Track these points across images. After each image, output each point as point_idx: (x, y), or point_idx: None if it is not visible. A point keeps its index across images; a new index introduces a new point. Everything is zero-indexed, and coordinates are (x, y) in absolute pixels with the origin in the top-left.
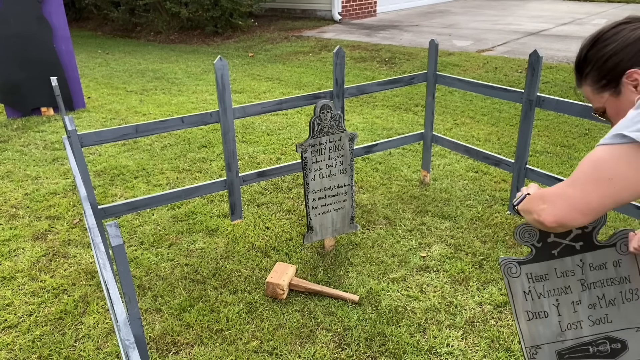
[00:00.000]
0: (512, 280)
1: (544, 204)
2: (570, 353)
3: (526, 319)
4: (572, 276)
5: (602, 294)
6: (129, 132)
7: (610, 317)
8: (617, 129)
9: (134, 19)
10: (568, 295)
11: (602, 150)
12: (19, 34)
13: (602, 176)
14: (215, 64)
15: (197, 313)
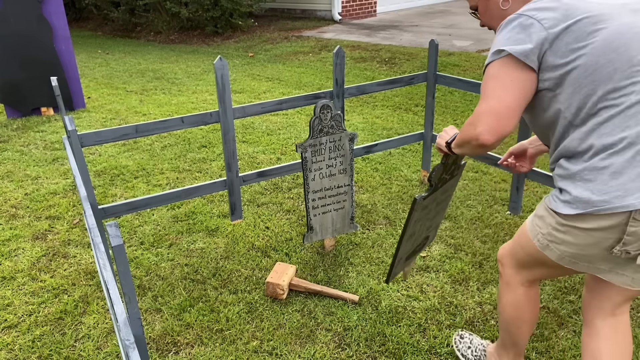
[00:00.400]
0: (415, 214)
1: (476, 128)
2: (412, 253)
3: (406, 241)
4: (434, 201)
5: (438, 208)
6: (129, 132)
7: (433, 223)
8: (495, 46)
9: (134, 19)
10: (428, 214)
11: (492, 66)
12: (19, 34)
13: (503, 82)
14: (215, 64)
15: (197, 313)
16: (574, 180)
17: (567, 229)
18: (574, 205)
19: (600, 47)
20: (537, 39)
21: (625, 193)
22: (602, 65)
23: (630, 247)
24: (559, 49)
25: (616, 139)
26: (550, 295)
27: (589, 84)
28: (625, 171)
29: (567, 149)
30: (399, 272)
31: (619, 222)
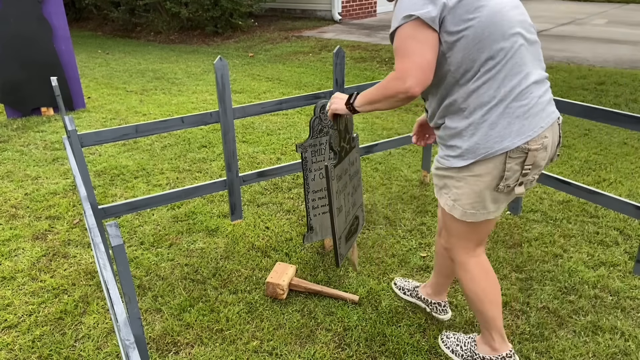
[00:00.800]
0: (332, 183)
1: (405, 82)
2: (348, 233)
3: (337, 215)
4: (347, 173)
5: (353, 184)
6: (129, 132)
7: (356, 201)
8: (402, 12)
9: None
10: (346, 189)
11: (405, 27)
12: (19, 34)
13: (420, 40)
14: (215, 64)
15: (197, 313)
16: (462, 136)
17: (464, 180)
18: (465, 156)
19: (484, 20)
20: (439, 7)
21: (501, 139)
22: (486, 37)
23: (510, 181)
24: (454, 18)
25: (490, 97)
26: (550, 295)
27: (475, 51)
28: (499, 122)
29: (450, 105)
30: (345, 253)
31: (500, 162)
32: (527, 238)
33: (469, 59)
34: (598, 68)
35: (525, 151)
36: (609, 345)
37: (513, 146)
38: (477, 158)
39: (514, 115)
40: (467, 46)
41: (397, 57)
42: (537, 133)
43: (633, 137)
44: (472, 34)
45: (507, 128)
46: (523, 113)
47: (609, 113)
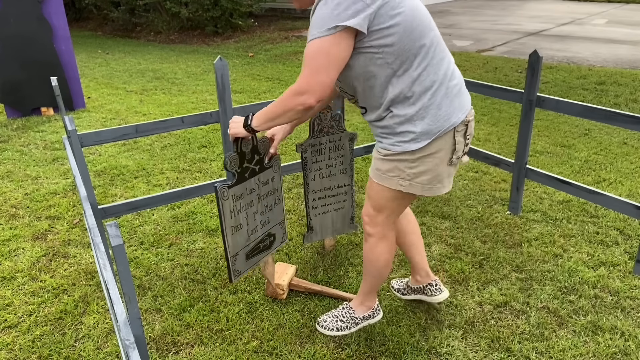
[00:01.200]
0: (224, 203)
1: (308, 98)
2: (251, 252)
3: (231, 234)
4: (253, 192)
5: (266, 202)
6: (129, 132)
7: (270, 218)
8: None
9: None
10: (252, 208)
11: (325, 40)
12: (19, 34)
13: (334, 58)
14: (215, 64)
15: (197, 313)
16: (413, 121)
17: (420, 160)
18: (419, 139)
19: (409, 13)
20: (372, 8)
21: (448, 117)
22: (415, 27)
23: (459, 152)
24: (382, 16)
25: (432, 82)
26: (550, 295)
27: (409, 41)
28: (444, 102)
29: (396, 97)
30: (243, 270)
31: (450, 137)
32: (527, 238)
33: (405, 49)
34: (598, 68)
35: (466, 123)
36: (609, 345)
37: (459, 121)
38: (432, 138)
39: (453, 94)
40: (400, 38)
41: (305, 68)
42: (469, 106)
43: (633, 137)
44: (402, 26)
45: (451, 106)
46: (458, 91)
47: (609, 113)
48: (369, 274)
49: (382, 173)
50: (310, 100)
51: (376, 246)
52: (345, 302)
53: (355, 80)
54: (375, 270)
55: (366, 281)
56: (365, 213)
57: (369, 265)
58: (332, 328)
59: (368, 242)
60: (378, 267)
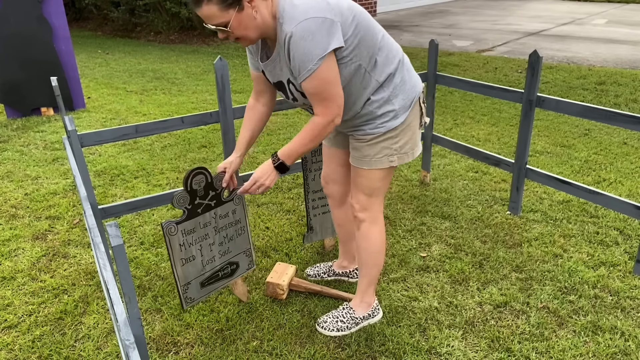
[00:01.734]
0: (172, 238)
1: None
2: (208, 280)
3: (181, 265)
4: (209, 226)
5: (226, 234)
6: (129, 132)
7: (231, 248)
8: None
9: (134, 19)
10: (207, 240)
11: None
12: (19, 34)
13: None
14: (215, 64)
15: (197, 313)
16: (390, 101)
17: (402, 132)
18: (399, 114)
19: (358, 12)
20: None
21: (413, 87)
22: (369, 26)
23: (424, 117)
24: (345, 26)
25: (395, 63)
26: (550, 295)
27: (369, 39)
28: (407, 76)
29: (372, 88)
30: (197, 297)
31: (417, 105)
32: (527, 238)
33: (369, 46)
34: (598, 68)
35: (422, 90)
36: (609, 345)
37: (420, 89)
38: (407, 110)
39: (409, 67)
40: (363, 37)
41: (321, 101)
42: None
43: (633, 137)
44: (361, 26)
45: (412, 78)
46: (409, 64)
47: (609, 113)
48: (364, 264)
49: (371, 158)
50: (338, 120)
51: (369, 231)
52: (345, 303)
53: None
54: (371, 257)
55: (363, 275)
56: (355, 201)
57: (363, 254)
58: (333, 329)
59: (361, 229)
60: (373, 253)
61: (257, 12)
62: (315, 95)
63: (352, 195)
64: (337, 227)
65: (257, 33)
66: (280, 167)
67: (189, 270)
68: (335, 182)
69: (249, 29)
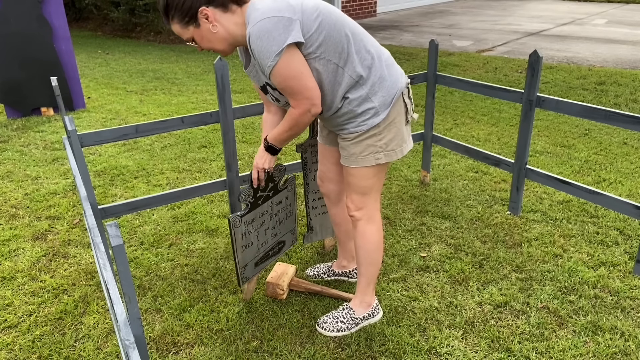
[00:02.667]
0: (236, 230)
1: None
2: (261, 259)
3: (242, 251)
4: (266, 214)
5: (279, 218)
6: (129, 132)
7: (281, 230)
8: (269, 52)
9: (134, 19)
10: (263, 226)
11: (282, 68)
12: (19, 34)
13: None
14: (215, 64)
15: (197, 313)
16: (368, 98)
17: (386, 130)
18: (379, 111)
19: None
20: (297, 19)
21: (394, 83)
22: (335, 22)
23: (410, 112)
24: (307, 22)
25: (370, 59)
26: (550, 295)
27: (335, 35)
28: (386, 73)
29: (347, 85)
30: (252, 275)
31: (401, 101)
32: (527, 238)
33: (336, 41)
34: (598, 68)
35: (407, 86)
36: (609, 345)
37: (403, 84)
38: (389, 107)
39: (389, 64)
40: (329, 33)
41: (288, 95)
42: (402, 71)
43: (633, 137)
44: (326, 23)
45: (393, 74)
46: (391, 61)
47: (609, 113)
48: (363, 263)
49: (357, 156)
50: (316, 109)
51: (365, 229)
52: (345, 303)
53: None
54: (368, 255)
55: (361, 274)
56: (350, 201)
57: (361, 252)
58: (333, 329)
59: (357, 228)
60: (370, 251)
61: (215, 25)
62: (283, 90)
63: (347, 195)
64: (335, 226)
65: (224, 44)
66: (270, 149)
67: (247, 255)
68: (331, 180)
69: (212, 41)
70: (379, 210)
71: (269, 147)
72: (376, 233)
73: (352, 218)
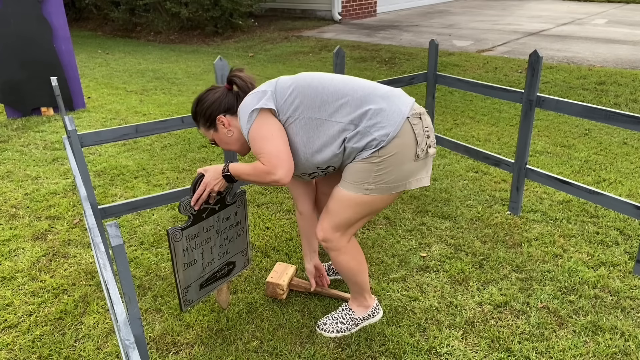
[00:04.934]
0: (176, 244)
1: (275, 175)
2: (207, 281)
3: (183, 270)
4: (212, 229)
5: (227, 235)
6: (129, 132)
7: (230, 249)
8: (244, 120)
9: (134, 19)
10: (209, 243)
11: (253, 130)
12: (19, 34)
13: (270, 137)
14: (215, 64)
15: (197, 313)
16: (368, 133)
17: (383, 162)
18: (379, 141)
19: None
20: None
21: (397, 112)
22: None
23: (423, 145)
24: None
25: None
26: (550, 295)
27: (313, 93)
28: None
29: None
30: (196, 299)
31: (409, 130)
32: (527, 238)
33: (313, 98)
34: (598, 68)
35: (418, 116)
36: (609, 345)
37: (407, 113)
38: (393, 136)
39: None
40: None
41: (257, 156)
42: (411, 100)
43: (633, 137)
44: (300, 87)
45: (393, 104)
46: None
47: (609, 113)
48: (348, 281)
49: (348, 180)
50: (281, 177)
51: (337, 259)
52: (344, 303)
53: (305, 154)
54: (351, 275)
55: (351, 286)
56: (320, 227)
57: (343, 274)
58: (333, 330)
59: (330, 255)
60: (352, 272)
61: (230, 130)
62: (255, 152)
63: (320, 220)
64: None
65: (238, 144)
66: (227, 178)
67: (190, 274)
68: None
69: (228, 143)
70: (347, 242)
71: (228, 176)
72: (351, 261)
73: (322, 244)
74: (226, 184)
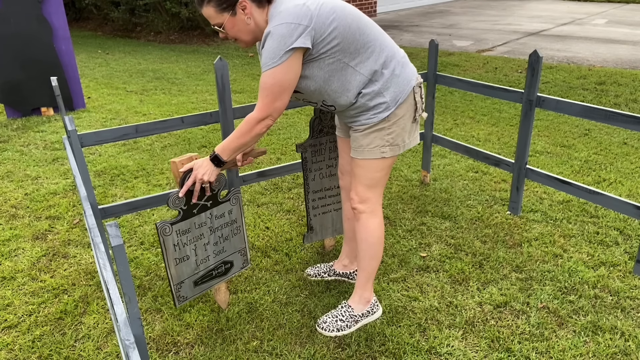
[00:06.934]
0: (166, 238)
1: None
2: (202, 279)
3: (175, 265)
4: (205, 226)
5: (222, 233)
6: (129, 132)
7: (226, 248)
8: (276, 53)
9: (134, 19)
10: (202, 240)
11: (277, 73)
12: (19, 34)
13: (286, 85)
14: (215, 64)
15: (197, 313)
16: (381, 94)
17: (394, 122)
18: (391, 104)
19: (341, 15)
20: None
21: (407, 81)
22: (353, 27)
23: (420, 111)
24: (320, 28)
25: (384, 58)
26: (550, 295)
27: (351, 38)
28: (400, 69)
29: (360, 82)
30: (191, 296)
31: (411, 98)
32: (527, 238)
33: (349, 44)
34: (598, 68)
35: (419, 85)
36: (609, 345)
37: (415, 83)
38: (399, 103)
39: (403, 63)
40: (344, 37)
41: (263, 97)
42: (416, 71)
43: (633, 137)
44: (341, 27)
45: (406, 72)
46: (406, 60)
47: (609, 113)
48: (364, 257)
49: (364, 148)
50: (271, 122)
51: (368, 221)
52: (344, 302)
53: (319, 88)
54: (370, 248)
55: (362, 268)
56: (355, 193)
57: (363, 245)
58: (333, 329)
59: (360, 221)
60: (372, 244)
61: (250, 18)
62: (264, 89)
63: (352, 187)
64: (345, 222)
65: (251, 36)
66: (215, 160)
67: (183, 269)
68: (348, 173)
69: (241, 32)
70: (381, 206)
71: (215, 157)
72: (378, 227)
73: (355, 210)
74: (216, 170)
